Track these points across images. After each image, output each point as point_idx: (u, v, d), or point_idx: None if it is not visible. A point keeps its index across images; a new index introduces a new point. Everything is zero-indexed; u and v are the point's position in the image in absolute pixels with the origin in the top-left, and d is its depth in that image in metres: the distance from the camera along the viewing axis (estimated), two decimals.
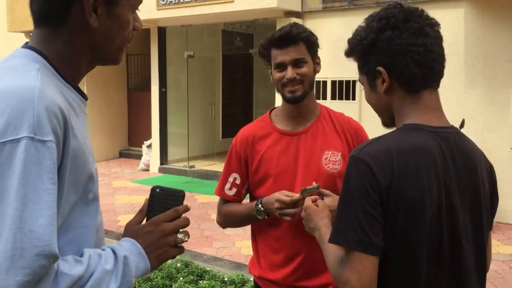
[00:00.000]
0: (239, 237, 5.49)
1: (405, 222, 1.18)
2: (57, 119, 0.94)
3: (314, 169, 1.82)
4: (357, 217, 1.16)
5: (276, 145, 1.85)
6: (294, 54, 1.80)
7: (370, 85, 1.33)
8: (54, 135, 0.92)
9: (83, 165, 1.03)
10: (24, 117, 0.90)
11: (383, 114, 1.35)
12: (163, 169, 9.68)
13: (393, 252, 1.19)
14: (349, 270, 1.17)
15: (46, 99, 0.93)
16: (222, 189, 1.94)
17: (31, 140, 0.89)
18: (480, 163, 1.30)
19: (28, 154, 0.88)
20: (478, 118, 6.26)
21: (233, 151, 1.93)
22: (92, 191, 1.06)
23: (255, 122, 1.97)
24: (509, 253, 5.09)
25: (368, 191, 1.17)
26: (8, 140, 0.88)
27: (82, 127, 1.08)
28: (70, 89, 1.08)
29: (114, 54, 1.15)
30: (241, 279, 4.01)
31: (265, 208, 1.76)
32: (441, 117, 1.29)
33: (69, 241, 1.01)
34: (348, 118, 1.94)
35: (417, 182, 1.18)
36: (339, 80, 7.18)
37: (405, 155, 1.19)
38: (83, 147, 1.04)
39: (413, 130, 1.24)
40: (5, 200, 0.87)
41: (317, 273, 1.80)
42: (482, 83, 6.25)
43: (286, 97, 1.83)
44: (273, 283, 1.86)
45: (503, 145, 6.03)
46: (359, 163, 1.19)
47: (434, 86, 1.29)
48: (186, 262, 4.40)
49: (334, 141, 1.86)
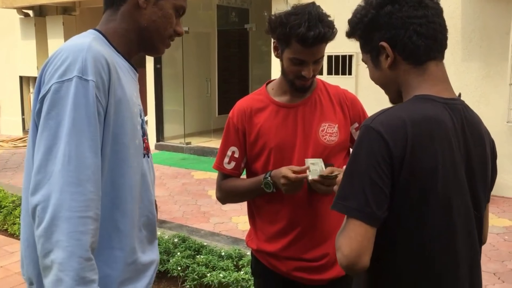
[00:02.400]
0: (236, 212, 5.52)
1: (418, 193, 1.18)
2: (101, 65, 1.24)
3: (312, 141, 1.81)
4: (363, 186, 1.16)
5: (274, 118, 1.84)
6: (318, 54, 1.76)
7: (374, 63, 1.32)
8: (98, 77, 1.22)
9: (129, 114, 1.32)
10: (76, 62, 1.21)
11: (390, 90, 1.34)
12: (159, 146, 9.67)
13: (404, 223, 1.19)
14: (343, 236, 1.18)
15: (94, 50, 1.24)
16: (221, 163, 1.91)
17: (79, 79, 1.20)
18: (485, 136, 1.31)
19: (77, 89, 1.20)
20: (474, 92, 6.24)
21: (231, 124, 1.90)
22: (137, 138, 1.36)
23: (251, 95, 1.95)
24: (503, 226, 5.14)
25: (379, 161, 1.16)
26: (66, 79, 1.21)
27: (132, 87, 1.38)
28: (120, 58, 1.38)
29: (157, 41, 1.43)
30: (238, 254, 4.04)
31: (273, 181, 1.75)
32: (449, 89, 1.29)
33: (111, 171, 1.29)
34: (343, 90, 1.93)
35: (431, 153, 1.18)
36: (335, 55, 7.13)
37: (419, 125, 1.18)
38: (129, 99, 1.32)
39: (425, 100, 1.23)
40: (63, 122, 1.19)
41: (315, 245, 1.81)
42: (479, 56, 6.22)
43: (297, 87, 1.81)
44: (271, 255, 1.87)
45: (499, 119, 6.03)
46: (371, 132, 1.18)
47: (439, 57, 1.28)
48: (183, 238, 4.43)
49: (331, 113, 1.85)
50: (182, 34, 1.48)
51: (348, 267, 1.17)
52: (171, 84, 9.88)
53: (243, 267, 3.81)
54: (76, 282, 1.15)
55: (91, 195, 1.19)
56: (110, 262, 1.31)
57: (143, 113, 1.46)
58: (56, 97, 1.20)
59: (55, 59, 1.26)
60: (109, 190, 1.30)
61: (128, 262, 1.34)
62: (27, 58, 10.16)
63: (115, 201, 1.31)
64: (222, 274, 3.64)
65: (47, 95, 1.22)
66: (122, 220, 1.32)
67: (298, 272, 1.82)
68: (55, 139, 1.19)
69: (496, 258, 4.31)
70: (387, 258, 1.23)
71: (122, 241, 1.33)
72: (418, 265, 1.22)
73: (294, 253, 1.82)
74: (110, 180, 1.30)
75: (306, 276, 1.82)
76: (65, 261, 1.15)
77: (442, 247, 1.22)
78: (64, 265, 1.15)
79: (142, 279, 1.41)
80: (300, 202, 1.80)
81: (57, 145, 1.19)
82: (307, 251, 1.81)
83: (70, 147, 1.18)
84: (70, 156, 1.18)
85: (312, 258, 1.81)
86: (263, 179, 1.78)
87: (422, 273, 1.22)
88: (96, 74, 1.22)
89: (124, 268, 1.33)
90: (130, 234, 1.34)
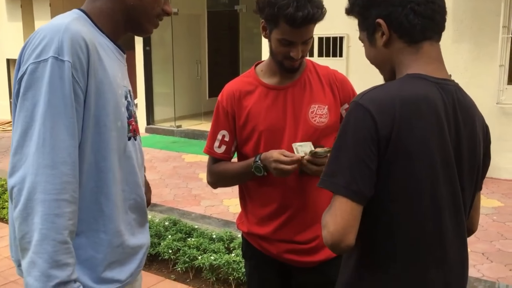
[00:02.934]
0: (227, 195, 5.52)
1: (404, 172, 1.17)
2: (79, 45, 1.21)
3: (302, 123, 1.79)
4: (349, 163, 1.15)
5: (263, 100, 1.82)
6: (306, 35, 1.72)
7: (369, 40, 1.31)
8: (76, 57, 1.20)
9: (112, 95, 1.29)
10: (53, 43, 1.19)
11: (384, 69, 1.33)
12: (149, 129, 9.62)
13: (390, 201, 1.19)
14: (329, 214, 1.17)
15: (71, 30, 1.21)
16: (211, 147, 1.89)
17: (55, 59, 1.18)
18: (478, 120, 1.29)
19: (52, 69, 1.18)
20: (464, 73, 6.25)
21: (220, 107, 1.88)
22: (120, 120, 1.32)
23: (240, 78, 1.92)
24: (492, 207, 5.20)
25: (366, 138, 1.15)
26: (41, 60, 1.19)
27: (116, 68, 1.34)
28: (105, 38, 1.35)
29: (144, 20, 1.39)
30: (229, 236, 4.05)
31: (264, 164, 1.73)
32: (442, 69, 1.28)
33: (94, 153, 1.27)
34: (333, 70, 1.90)
35: (419, 133, 1.17)
36: (326, 37, 7.09)
37: (409, 103, 1.17)
38: (112, 80, 1.29)
39: (416, 79, 1.22)
40: (38, 103, 1.17)
41: (305, 227, 1.81)
42: (469, 37, 6.21)
43: (286, 67, 1.78)
44: (262, 238, 1.87)
45: (489, 100, 6.05)
46: (360, 109, 1.17)
47: (435, 37, 1.27)
48: (174, 221, 4.43)
49: (320, 94, 1.83)
50: (171, 14, 1.44)
51: (333, 245, 1.16)
52: (160, 67, 9.79)
53: (234, 250, 3.81)
54: (49, 265, 1.14)
55: (66, 177, 1.18)
56: (95, 244, 1.30)
57: (131, 94, 1.43)
58: (32, 77, 1.19)
59: (33, 39, 1.24)
60: (93, 173, 1.28)
61: (114, 245, 1.33)
62: (14, 41, 10.01)
63: (99, 184, 1.30)
64: (213, 256, 3.64)
65: (24, 76, 1.20)
66: (106, 203, 1.31)
67: (288, 254, 1.82)
68: (31, 121, 1.18)
69: (485, 238, 4.36)
70: (371, 238, 1.23)
71: (106, 224, 1.32)
72: (402, 246, 1.21)
73: (285, 236, 1.82)
74: (94, 163, 1.28)
75: (297, 258, 1.82)
76: (38, 243, 1.14)
77: (427, 228, 1.22)
78: (38, 248, 1.14)
79: (131, 262, 1.40)
80: (291, 185, 1.79)
81: (32, 127, 1.18)
82: (298, 233, 1.81)
83: (45, 129, 1.17)
84: (45, 138, 1.16)
85: (303, 240, 1.81)
86: (253, 163, 1.76)
87: (406, 254, 1.22)
88: (73, 55, 1.20)
89: (110, 251, 1.33)
90: (114, 217, 1.33)
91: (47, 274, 1.14)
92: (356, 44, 6.96)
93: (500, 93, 6.07)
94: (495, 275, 3.65)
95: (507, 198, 5.51)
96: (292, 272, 1.86)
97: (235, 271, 3.49)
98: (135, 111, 1.45)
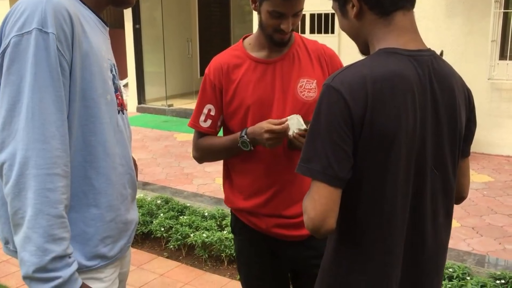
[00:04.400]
0: (219, 173, 5.48)
1: (379, 151, 1.15)
2: (63, 17, 1.18)
3: (290, 97, 1.77)
4: (324, 147, 1.13)
5: (252, 74, 1.79)
6: (297, 7, 1.69)
7: (341, 11, 1.27)
8: (60, 29, 1.17)
9: (98, 68, 1.27)
10: (35, 15, 1.16)
11: (357, 41, 1.30)
12: (141, 108, 9.56)
13: (366, 183, 1.17)
14: (309, 199, 1.16)
15: (54, 2, 1.18)
16: (197, 121, 1.87)
17: (39, 31, 1.15)
18: (457, 87, 1.26)
19: (37, 42, 1.15)
20: (457, 48, 6.23)
21: (207, 80, 1.85)
22: (109, 94, 1.31)
23: (228, 51, 1.89)
24: (482, 181, 5.24)
25: (339, 121, 1.12)
26: (25, 32, 1.16)
27: (100, 41, 1.32)
28: (88, 10, 1.33)
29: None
30: (221, 214, 4.06)
31: (251, 138, 1.72)
32: (417, 39, 1.23)
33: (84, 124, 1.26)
34: (322, 45, 1.87)
35: (392, 111, 1.14)
36: (318, 13, 7.03)
37: (380, 81, 1.14)
38: (97, 52, 1.27)
39: (388, 54, 1.18)
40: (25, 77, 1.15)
41: (293, 202, 1.80)
42: (462, 12, 6.17)
43: (275, 41, 1.75)
44: (250, 213, 1.86)
45: (480, 76, 6.05)
46: (331, 91, 1.14)
47: (407, 6, 1.22)
48: (166, 199, 4.43)
49: (309, 68, 1.81)
50: None
51: (314, 230, 1.15)
52: (151, 45, 9.69)
53: (226, 227, 3.83)
54: (44, 239, 1.13)
55: (57, 152, 1.16)
56: (87, 219, 1.29)
57: (115, 68, 1.41)
58: (16, 50, 1.16)
59: (14, 12, 1.20)
60: (81, 147, 1.26)
61: (106, 220, 1.32)
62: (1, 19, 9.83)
63: (87, 158, 1.28)
64: (205, 234, 3.66)
65: (7, 49, 1.17)
66: (97, 177, 1.30)
67: (277, 228, 1.82)
68: (18, 95, 1.15)
69: (475, 213, 4.40)
70: (349, 220, 1.21)
71: (97, 199, 1.30)
72: (380, 225, 1.20)
73: (273, 210, 1.81)
74: (81, 137, 1.26)
75: (285, 232, 1.82)
76: (33, 218, 1.13)
77: (402, 208, 1.20)
78: (32, 222, 1.13)
79: (123, 237, 1.40)
80: (278, 159, 1.78)
81: (20, 101, 1.15)
82: (286, 207, 1.81)
83: (33, 103, 1.14)
84: (34, 112, 1.14)
85: (291, 214, 1.80)
86: (240, 138, 1.74)
87: (384, 233, 1.21)
88: (57, 27, 1.17)
89: (103, 226, 1.31)
90: (105, 191, 1.31)
91: (43, 248, 1.13)
92: None
93: (491, 69, 6.06)
94: (485, 249, 3.70)
95: (497, 173, 5.56)
96: (281, 246, 1.86)
97: (227, 248, 3.51)
98: (120, 86, 1.43)
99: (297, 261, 1.87)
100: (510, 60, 5.98)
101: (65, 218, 1.18)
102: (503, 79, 6.02)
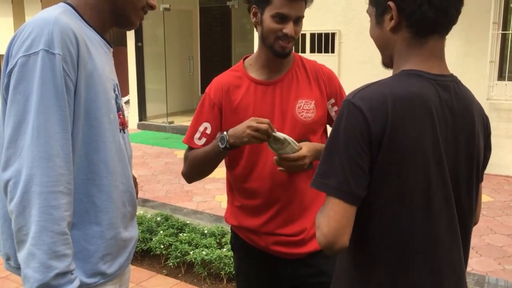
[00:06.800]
0: (219, 191, 5.53)
1: (396, 172, 1.13)
2: (69, 38, 1.22)
3: (289, 118, 1.80)
4: (341, 163, 1.12)
5: (252, 95, 1.82)
6: (300, 11, 1.72)
7: (377, 19, 1.25)
8: (66, 50, 1.20)
9: (102, 88, 1.30)
10: (42, 36, 1.19)
11: (384, 52, 1.28)
12: (142, 125, 9.60)
13: (383, 202, 1.15)
14: (323, 215, 1.14)
15: (60, 23, 1.21)
16: (191, 137, 1.86)
17: (46, 52, 1.18)
18: (477, 113, 1.25)
19: (43, 62, 1.18)
20: (455, 69, 6.23)
21: (207, 99, 1.87)
22: (112, 113, 1.34)
23: (228, 72, 1.92)
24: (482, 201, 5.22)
25: (357, 137, 1.11)
26: (32, 53, 1.19)
27: (104, 61, 1.36)
28: (92, 31, 1.36)
29: (130, 12, 1.41)
30: (221, 231, 4.06)
31: (231, 134, 1.67)
32: (441, 65, 1.23)
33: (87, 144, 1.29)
34: (320, 65, 1.91)
35: (411, 131, 1.13)
36: (318, 33, 7.10)
37: (401, 102, 1.13)
38: (101, 73, 1.31)
39: (411, 76, 1.18)
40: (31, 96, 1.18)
41: (293, 220, 1.81)
42: (460, 33, 6.24)
43: (277, 51, 1.76)
44: (250, 231, 1.88)
45: (479, 96, 6.07)
46: (351, 107, 1.13)
47: (443, 33, 1.22)
48: (166, 216, 4.43)
49: (307, 89, 1.83)
50: (155, 8, 1.46)
51: (327, 246, 1.13)
52: (153, 63, 9.77)
53: (225, 245, 3.82)
54: (48, 256, 1.15)
55: (61, 169, 1.19)
56: (88, 237, 1.31)
57: (118, 88, 1.44)
58: (23, 71, 1.19)
59: (21, 33, 1.24)
60: (83, 165, 1.29)
61: (107, 237, 1.34)
62: (5, 36, 9.94)
63: (90, 176, 1.30)
64: (204, 251, 3.65)
65: (14, 69, 1.20)
66: (98, 195, 1.32)
67: (276, 246, 1.83)
68: (24, 114, 1.19)
69: (475, 233, 4.37)
70: (362, 239, 1.19)
71: (99, 216, 1.32)
72: (394, 246, 1.18)
73: (273, 229, 1.83)
74: (84, 155, 1.29)
75: (285, 250, 1.83)
76: (37, 235, 1.15)
77: (418, 230, 1.17)
78: (36, 239, 1.15)
79: (122, 254, 1.41)
80: (279, 179, 1.80)
81: (26, 120, 1.18)
82: (285, 226, 1.82)
83: (39, 122, 1.17)
84: (39, 130, 1.17)
85: (290, 233, 1.81)
86: (219, 133, 1.73)
87: (399, 254, 1.18)
88: (63, 48, 1.20)
89: (103, 243, 1.33)
90: (107, 209, 1.34)
91: (46, 265, 1.15)
92: (348, 41, 6.98)
93: (490, 89, 6.12)
94: (484, 269, 3.69)
95: (496, 193, 5.56)
96: (280, 264, 1.87)
97: (227, 266, 3.51)
98: (122, 105, 1.46)
99: (296, 279, 1.88)
100: (509, 81, 6.03)
101: (68, 235, 1.20)
102: (502, 99, 6.07)
